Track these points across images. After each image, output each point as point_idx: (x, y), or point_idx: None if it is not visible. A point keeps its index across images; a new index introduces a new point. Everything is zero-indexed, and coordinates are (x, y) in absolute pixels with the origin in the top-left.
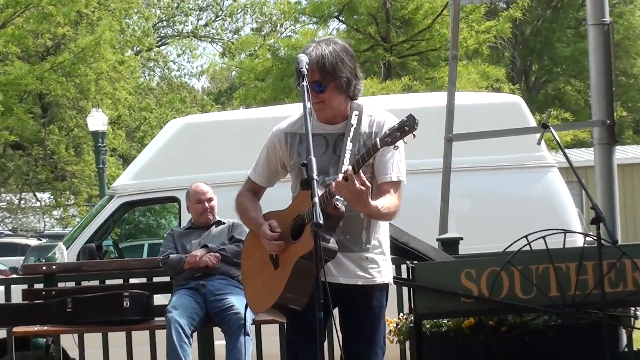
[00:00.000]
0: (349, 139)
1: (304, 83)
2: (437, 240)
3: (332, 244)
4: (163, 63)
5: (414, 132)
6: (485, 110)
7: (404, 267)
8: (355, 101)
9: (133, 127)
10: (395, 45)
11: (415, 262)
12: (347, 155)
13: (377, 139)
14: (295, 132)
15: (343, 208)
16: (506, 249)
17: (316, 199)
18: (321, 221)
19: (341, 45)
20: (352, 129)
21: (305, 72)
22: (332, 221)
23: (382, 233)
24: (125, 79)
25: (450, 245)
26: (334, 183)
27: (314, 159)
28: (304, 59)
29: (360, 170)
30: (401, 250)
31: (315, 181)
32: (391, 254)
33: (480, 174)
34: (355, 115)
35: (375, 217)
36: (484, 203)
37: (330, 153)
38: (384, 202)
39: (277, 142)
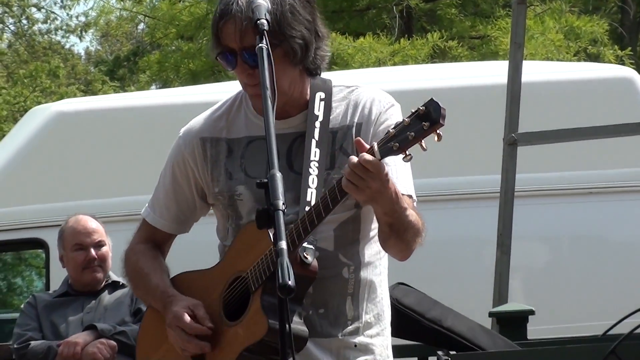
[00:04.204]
0: (313, 142)
1: (263, 44)
2: (491, 315)
3: (299, 324)
4: (19, 9)
5: (438, 131)
6: (574, 91)
7: None
8: (317, 77)
9: None
10: None
11: (453, 352)
12: (314, 171)
13: (375, 144)
14: (220, 137)
15: (315, 262)
16: (608, 330)
17: (283, 244)
18: (291, 282)
19: None
20: (318, 124)
21: (265, 27)
22: (296, 286)
23: (380, 299)
24: None
25: (512, 323)
26: (348, 165)
27: (279, 175)
28: (261, 3)
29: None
30: (429, 333)
31: (281, 213)
32: (412, 339)
33: (565, 202)
34: (321, 99)
35: (404, 228)
36: (570, 252)
37: (284, 168)
38: (412, 212)
39: (189, 155)
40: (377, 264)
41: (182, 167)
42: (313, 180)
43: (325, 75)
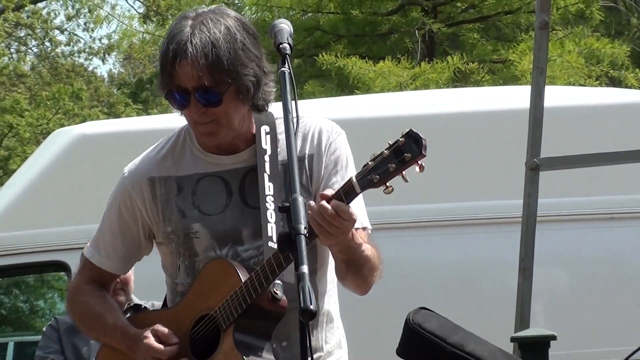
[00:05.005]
0: (265, 177)
1: (285, 68)
2: (513, 340)
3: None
4: (42, 31)
5: (420, 162)
6: (596, 116)
7: None
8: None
9: None
10: (442, 4)
11: None
12: (271, 205)
13: (353, 178)
14: (169, 176)
15: (284, 297)
16: (630, 356)
17: (305, 268)
18: (313, 306)
19: (237, 21)
20: (267, 157)
21: (288, 51)
22: (266, 321)
23: (336, 327)
24: None
25: (534, 349)
26: (310, 206)
27: (300, 199)
28: (284, 27)
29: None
30: (451, 357)
31: (303, 237)
32: None
33: (587, 227)
34: (266, 133)
35: (360, 263)
36: (592, 277)
37: (238, 204)
38: (368, 246)
39: (137, 196)
40: (332, 292)
41: (129, 207)
42: (271, 215)
43: (347, 99)
